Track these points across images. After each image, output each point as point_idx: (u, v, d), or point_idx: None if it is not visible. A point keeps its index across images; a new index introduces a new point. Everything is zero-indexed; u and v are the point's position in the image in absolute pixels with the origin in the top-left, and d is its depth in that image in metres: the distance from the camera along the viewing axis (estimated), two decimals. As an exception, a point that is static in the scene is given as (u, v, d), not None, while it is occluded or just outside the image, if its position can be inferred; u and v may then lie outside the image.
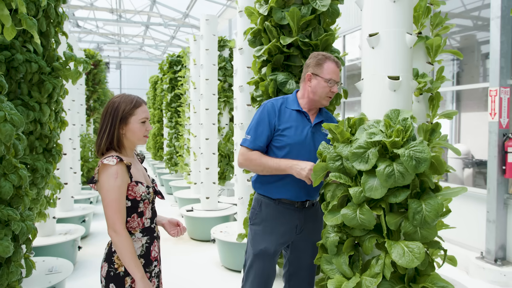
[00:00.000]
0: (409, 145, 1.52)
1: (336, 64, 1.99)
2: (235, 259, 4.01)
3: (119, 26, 15.99)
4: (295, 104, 2.05)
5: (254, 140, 1.99)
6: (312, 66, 1.99)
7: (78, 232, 4.04)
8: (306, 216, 2.07)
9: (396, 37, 1.66)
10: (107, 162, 1.59)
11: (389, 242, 1.55)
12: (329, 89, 1.97)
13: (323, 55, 1.99)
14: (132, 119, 1.68)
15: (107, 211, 1.58)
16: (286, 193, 2.01)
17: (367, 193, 1.56)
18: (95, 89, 7.89)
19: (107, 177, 1.58)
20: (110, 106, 1.70)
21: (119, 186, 1.58)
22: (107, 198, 1.57)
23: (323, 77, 1.96)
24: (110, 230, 1.58)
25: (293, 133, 1.99)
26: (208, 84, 5.09)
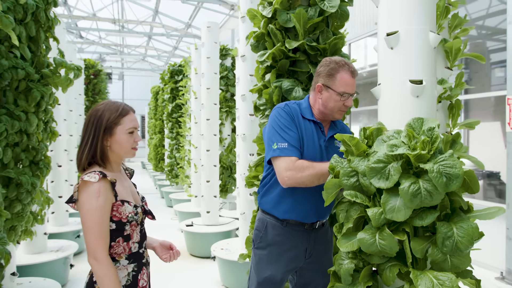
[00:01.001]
0: (437, 159, 1.30)
1: (352, 74, 1.74)
2: (237, 279, 3.76)
3: (121, 37, 15.95)
4: (309, 113, 1.82)
5: (293, 145, 1.68)
6: (324, 76, 1.75)
7: (70, 249, 3.82)
8: (316, 238, 1.85)
9: (418, 35, 1.45)
10: (88, 178, 1.38)
11: (415, 272, 1.33)
12: (342, 103, 1.74)
13: (336, 63, 1.74)
14: (118, 129, 1.48)
15: (87, 236, 1.37)
16: (295, 214, 1.79)
17: (388, 214, 1.34)
18: (95, 99, 7.73)
19: (88, 196, 1.37)
20: (93, 115, 1.50)
21: (101, 207, 1.37)
22: (87, 220, 1.36)
23: (336, 90, 1.72)
24: (90, 258, 1.36)
25: (307, 146, 1.75)
26: (209, 93, 4.90)
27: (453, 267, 1.34)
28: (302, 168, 1.63)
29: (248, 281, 1.90)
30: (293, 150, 1.69)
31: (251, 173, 2.67)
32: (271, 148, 1.71)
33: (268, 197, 1.84)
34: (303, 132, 1.76)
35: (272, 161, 1.74)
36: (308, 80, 2.43)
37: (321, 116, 1.82)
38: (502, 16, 4.69)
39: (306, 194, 1.76)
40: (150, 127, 13.70)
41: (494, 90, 4.95)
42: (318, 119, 1.82)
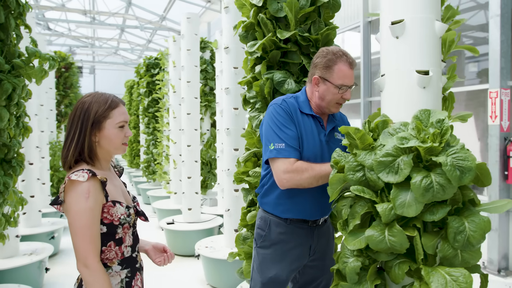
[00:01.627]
0: (448, 152, 1.26)
1: (350, 65, 1.65)
2: (222, 277, 3.68)
3: (92, 29, 15.39)
4: (308, 107, 1.73)
5: (291, 145, 1.60)
6: (320, 68, 1.66)
7: (45, 252, 3.61)
8: (319, 234, 1.80)
9: (424, 24, 1.40)
10: (76, 177, 1.25)
11: (426, 269, 1.28)
12: (340, 96, 1.66)
13: (334, 54, 1.65)
14: (107, 123, 1.35)
15: (76, 241, 1.24)
16: (300, 212, 1.72)
17: (399, 210, 1.28)
18: (66, 93, 7.38)
19: (76, 196, 1.24)
20: (79, 107, 1.36)
21: (91, 208, 1.25)
22: (76, 223, 1.24)
23: (333, 83, 1.64)
24: (80, 264, 1.24)
25: (307, 143, 1.67)
26: (189, 87, 4.76)
27: (463, 262, 1.31)
28: (300, 170, 1.55)
29: (251, 282, 1.82)
30: (291, 151, 1.60)
31: (240, 169, 2.58)
32: (268, 149, 1.62)
33: (269, 198, 1.76)
34: (302, 129, 1.67)
35: (269, 162, 1.65)
36: (300, 71, 2.35)
37: (319, 110, 1.74)
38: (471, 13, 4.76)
39: (309, 192, 1.68)
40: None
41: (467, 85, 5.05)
42: (317, 113, 1.74)
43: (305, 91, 1.78)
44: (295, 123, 1.66)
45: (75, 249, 1.25)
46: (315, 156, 1.66)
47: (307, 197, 1.70)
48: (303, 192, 1.68)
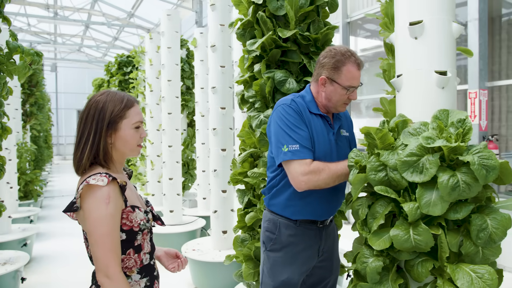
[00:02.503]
0: (472, 151, 1.28)
1: (358, 66, 1.63)
2: (209, 280, 3.60)
3: (55, 25, 14.68)
4: (315, 107, 1.70)
5: (305, 146, 1.56)
6: (328, 68, 1.62)
7: (21, 261, 3.38)
8: (326, 235, 1.80)
9: (442, 25, 1.42)
10: (95, 182, 1.16)
11: (451, 266, 1.30)
12: (346, 96, 1.64)
13: (342, 55, 1.61)
14: (124, 123, 1.27)
15: (96, 250, 1.15)
16: (310, 213, 1.70)
17: (424, 209, 1.29)
18: (32, 92, 6.98)
19: (96, 202, 1.16)
20: (93, 106, 1.27)
21: (112, 215, 1.17)
22: (97, 231, 1.15)
23: (341, 84, 1.61)
24: (101, 275, 1.15)
25: (318, 143, 1.64)
26: (170, 85, 4.63)
27: (484, 258, 1.34)
28: (318, 171, 1.52)
29: (261, 286, 1.78)
30: (306, 152, 1.56)
31: (236, 170, 2.53)
32: (281, 151, 1.57)
33: (278, 199, 1.73)
34: (313, 129, 1.64)
35: (283, 164, 1.61)
36: (300, 71, 2.34)
37: (325, 109, 1.72)
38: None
39: (319, 193, 1.67)
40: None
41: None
42: (323, 112, 1.72)
43: (310, 90, 1.74)
44: (306, 123, 1.63)
45: (95, 259, 1.17)
46: (325, 155, 1.65)
47: (317, 198, 1.69)
48: (313, 193, 1.66)
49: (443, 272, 1.37)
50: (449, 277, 1.35)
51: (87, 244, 1.27)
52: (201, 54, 5.27)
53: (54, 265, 4.28)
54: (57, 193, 9.33)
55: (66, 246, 4.96)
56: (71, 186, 10.40)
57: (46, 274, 4.02)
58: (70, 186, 10.44)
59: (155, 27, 13.33)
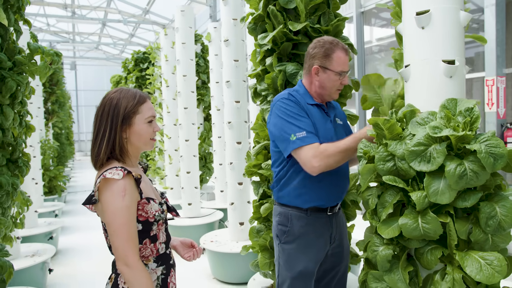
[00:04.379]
0: (479, 139, 1.29)
1: (345, 52, 1.72)
2: (227, 271, 3.69)
3: (73, 24, 14.99)
4: (310, 97, 1.78)
5: (311, 132, 1.64)
6: (319, 57, 1.72)
7: (48, 253, 3.54)
8: (336, 222, 1.84)
9: (450, 14, 1.42)
10: (111, 176, 1.23)
11: (460, 254, 1.32)
12: (339, 82, 1.73)
13: (331, 43, 1.71)
14: (137, 118, 1.34)
15: (115, 240, 1.22)
16: (319, 199, 1.74)
17: (432, 198, 1.31)
18: (53, 90, 7.19)
19: (113, 195, 1.23)
20: (107, 103, 1.34)
21: (128, 206, 1.24)
22: (114, 223, 1.22)
23: (334, 70, 1.70)
24: (121, 263, 1.22)
25: (320, 131, 1.71)
26: (186, 80, 4.71)
27: (493, 246, 1.35)
28: (327, 151, 1.58)
29: (278, 278, 1.82)
30: (313, 137, 1.63)
31: (251, 162, 2.58)
32: (290, 141, 1.63)
33: (287, 190, 1.77)
34: (313, 118, 1.72)
35: (293, 154, 1.66)
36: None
37: (319, 98, 1.79)
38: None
39: (326, 178, 1.72)
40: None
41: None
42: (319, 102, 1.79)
43: (302, 84, 1.82)
44: (307, 113, 1.70)
45: (114, 249, 1.24)
46: (327, 140, 1.70)
47: (324, 184, 1.74)
48: (320, 179, 1.71)
49: (453, 259, 1.39)
50: (458, 264, 1.36)
51: (106, 234, 1.35)
52: (215, 48, 5.32)
53: (79, 258, 4.45)
54: (80, 188, 9.62)
55: (90, 239, 5.14)
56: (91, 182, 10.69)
57: (71, 266, 4.19)
58: (92, 181, 10.72)
59: (170, 23, 13.45)
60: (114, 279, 1.32)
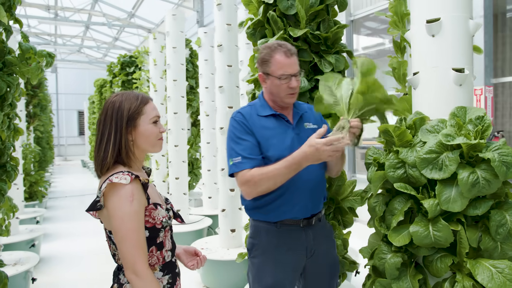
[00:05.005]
0: (491, 148, 1.30)
1: (285, 54, 1.60)
2: (218, 279, 3.62)
3: (55, 26, 14.68)
4: (267, 108, 1.69)
5: (247, 157, 1.56)
6: (260, 64, 1.66)
7: (31, 261, 3.40)
8: (315, 235, 1.70)
9: (460, 23, 1.44)
10: (118, 180, 1.18)
11: (471, 262, 1.32)
12: (286, 85, 1.60)
13: (269, 47, 1.63)
14: (141, 119, 1.29)
15: (122, 247, 1.17)
16: (288, 212, 1.63)
17: (444, 205, 1.31)
18: (35, 93, 6.99)
19: (120, 200, 1.17)
20: (110, 107, 1.29)
21: (136, 212, 1.18)
22: (122, 228, 1.17)
23: (274, 75, 1.60)
24: (129, 272, 1.17)
25: (273, 145, 1.61)
26: (176, 85, 4.64)
27: (502, 254, 1.36)
28: (253, 179, 1.52)
29: None
30: (247, 162, 1.56)
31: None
32: (229, 165, 1.60)
33: (255, 204, 1.68)
34: (264, 132, 1.63)
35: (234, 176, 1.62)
36: (311, 69, 2.35)
37: (277, 105, 1.69)
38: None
39: (296, 191, 1.62)
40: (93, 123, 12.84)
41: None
42: (278, 110, 1.69)
43: (261, 94, 1.75)
44: (252, 131, 1.62)
45: (122, 257, 1.18)
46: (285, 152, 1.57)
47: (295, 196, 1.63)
48: (291, 192, 1.61)
49: (461, 267, 1.39)
50: (468, 272, 1.36)
51: (109, 242, 1.29)
52: (205, 53, 5.29)
53: (62, 266, 4.29)
54: (60, 194, 9.34)
55: (73, 247, 4.97)
56: (73, 187, 10.41)
57: (55, 274, 4.03)
58: (72, 187, 10.45)
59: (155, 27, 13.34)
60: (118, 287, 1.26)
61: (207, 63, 5.30)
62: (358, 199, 2.44)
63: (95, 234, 5.47)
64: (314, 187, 1.67)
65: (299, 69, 1.63)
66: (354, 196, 2.45)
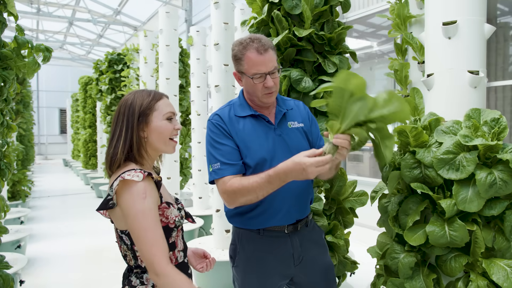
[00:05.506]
0: (507, 149, 1.32)
1: (258, 51, 1.42)
2: (213, 279, 3.58)
3: (37, 21, 14.31)
4: (246, 108, 1.54)
5: (226, 162, 1.45)
6: (234, 62, 1.51)
7: (18, 263, 3.28)
8: (302, 241, 1.56)
9: (475, 26, 1.46)
10: (130, 177, 1.14)
11: (486, 261, 1.34)
12: (261, 85, 1.45)
13: (241, 43, 1.47)
14: (154, 115, 1.26)
15: (141, 247, 1.13)
16: (271, 220, 1.51)
17: (461, 206, 1.32)
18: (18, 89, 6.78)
19: (132, 198, 1.14)
20: (122, 105, 1.27)
21: (150, 208, 1.15)
22: (137, 227, 1.13)
23: (247, 74, 1.46)
24: (151, 273, 1.13)
25: (253, 148, 1.48)
26: (169, 84, 4.58)
27: (513, 253, 1.38)
28: (235, 191, 1.40)
29: None
30: (227, 168, 1.46)
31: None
32: (209, 171, 1.50)
33: (235, 213, 1.58)
34: (242, 135, 1.50)
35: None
36: (314, 70, 2.35)
37: (256, 105, 1.56)
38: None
39: (276, 197, 1.49)
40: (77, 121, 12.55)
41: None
42: (258, 110, 1.55)
43: (241, 92, 1.61)
44: (230, 134, 1.51)
45: (143, 258, 1.14)
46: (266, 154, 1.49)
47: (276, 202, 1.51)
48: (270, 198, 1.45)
49: (474, 267, 1.40)
50: (481, 271, 1.38)
51: (120, 243, 1.25)
52: (197, 52, 5.24)
53: (50, 267, 4.17)
54: (42, 194, 9.09)
55: (60, 247, 4.84)
56: (55, 187, 10.15)
57: (43, 276, 3.91)
58: (55, 186, 10.19)
59: (142, 25, 13.16)
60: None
61: (199, 62, 5.25)
62: (358, 199, 2.46)
63: (80, 235, 5.35)
64: (299, 193, 1.54)
65: (277, 65, 1.46)
66: (355, 196, 2.47)
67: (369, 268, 2.83)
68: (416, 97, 1.75)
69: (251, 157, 1.48)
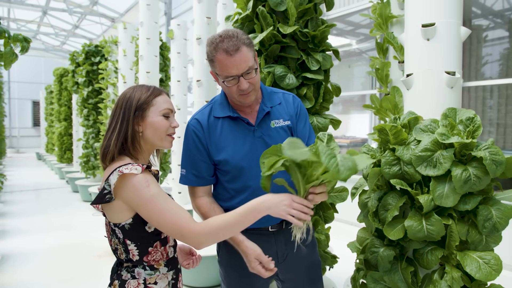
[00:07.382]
0: (481, 147, 1.38)
1: (227, 53, 1.31)
2: (197, 274, 3.58)
3: (8, 8, 13.76)
4: (226, 107, 1.47)
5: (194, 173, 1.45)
6: (208, 62, 1.42)
7: (-8, 259, 3.19)
8: (287, 239, 1.52)
9: (452, 28, 1.52)
10: (129, 171, 1.14)
11: (460, 254, 1.41)
12: (235, 87, 1.36)
13: (212, 43, 1.36)
14: (151, 111, 1.26)
15: (165, 229, 1.15)
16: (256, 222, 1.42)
17: (437, 201, 1.39)
18: (-10, 80, 6.53)
19: (136, 190, 1.14)
20: (121, 99, 1.28)
21: (157, 192, 1.16)
22: (152, 213, 1.14)
23: (220, 78, 1.39)
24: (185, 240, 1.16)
25: (233, 152, 1.44)
26: (149, 77, 4.52)
27: (486, 246, 1.45)
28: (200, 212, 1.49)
29: None
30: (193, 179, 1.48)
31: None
32: (180, 172, 1.52)
33: None
34: (217, 142, 1.45)
35: None
36: (298, 67, 2.38)
37: (235, 104, 1.48)
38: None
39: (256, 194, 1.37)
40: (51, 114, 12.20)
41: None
42: (239, 109, 1.48)
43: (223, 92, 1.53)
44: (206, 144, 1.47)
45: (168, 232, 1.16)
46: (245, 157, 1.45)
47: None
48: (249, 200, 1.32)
49: (449, 259, 1.47)
50: (456, 263, 1.45)
51: (111, 237, 1.25)
52: (178, 46, 5.18)
53: (25, 264, 4.06)
54: (14, 188, 8.81)
55: (34, 243, 4.71)
56: (29, 181, 9.86)
57: (18, 273, 3.80)
58: (28, 181, 9.89)
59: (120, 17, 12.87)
60: (119, 286, 1.22)
61: (179, 56, 5.20)
62: (339, 195, 2.52)
63: (55, 230, 5.23)
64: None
65: (253, 64, 1.36)
66: (336, 192, 2.52)
67: (347, 262, 2.91)
68: (396, 95, 1.81)
69: (231, 158, 1.44)
